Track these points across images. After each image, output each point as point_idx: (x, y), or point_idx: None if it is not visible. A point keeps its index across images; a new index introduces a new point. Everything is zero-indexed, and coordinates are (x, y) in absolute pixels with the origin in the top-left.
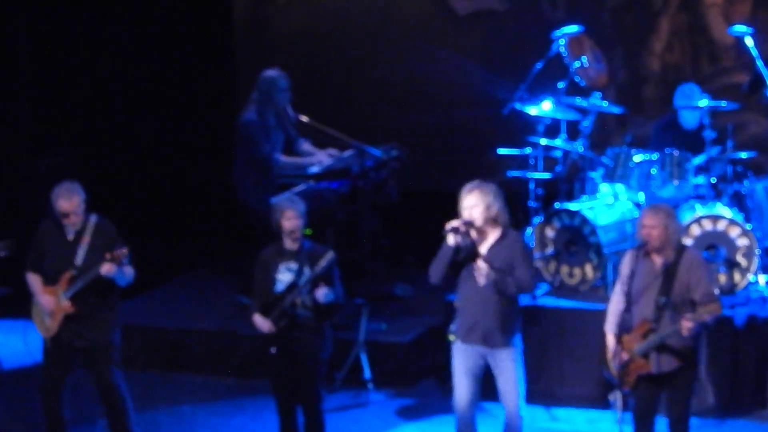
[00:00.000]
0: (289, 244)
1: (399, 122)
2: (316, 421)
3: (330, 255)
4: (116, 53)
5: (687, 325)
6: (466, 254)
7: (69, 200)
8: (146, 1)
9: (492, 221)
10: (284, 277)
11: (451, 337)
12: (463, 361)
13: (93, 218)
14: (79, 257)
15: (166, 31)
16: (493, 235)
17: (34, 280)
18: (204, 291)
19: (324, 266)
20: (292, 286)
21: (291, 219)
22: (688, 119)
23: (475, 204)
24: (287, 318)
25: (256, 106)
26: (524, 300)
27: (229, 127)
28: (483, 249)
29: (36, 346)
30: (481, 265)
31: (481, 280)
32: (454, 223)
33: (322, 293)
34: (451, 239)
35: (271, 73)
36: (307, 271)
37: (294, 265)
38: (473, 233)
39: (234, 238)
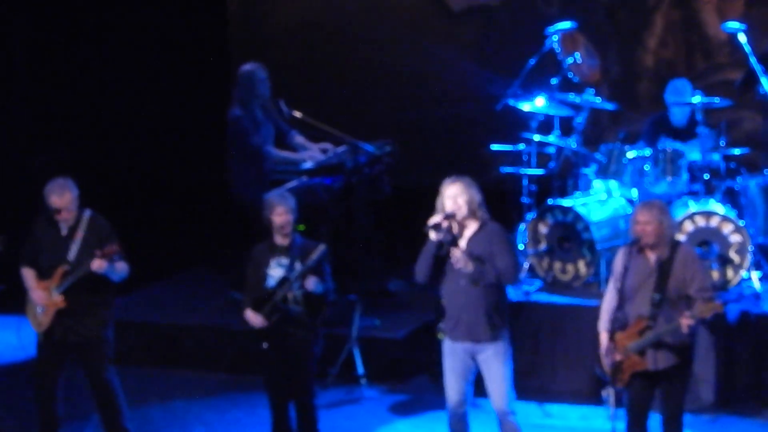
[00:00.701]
0: (280, 239)
1: (393, 117)
2: (309, 417)
3: (321, 248)
4: (111, 49)
5: (687, 322)
6: (448, 249)
7: (61, 196)
8: None
9: (473, 213)
10: (275, 272)
11: (440, 336)
12: (451, 361)
13: (87, 214)
14: (72, 252)
15: (161, 25)
16: (472, 228)
17: (28, 275)
18: (198, 287)
19: (315, 259)
20: (283, 281)
21: (281, 215)
22: (678, 115)
23: (459, 193)
24: (279, 312)
25: (239, 102)
26: (517, 296)
27: (224, 123)
28: (462, 241)
29: (30, 342)
30: (458, 255)
31: (458, 265)
32: (435, 219)
33: (311, 282)
34: (433, 235)
35: (248, 66)
36: (298, 266)
37: (285, 261)
38: (454, 227)
39: (229, 235)
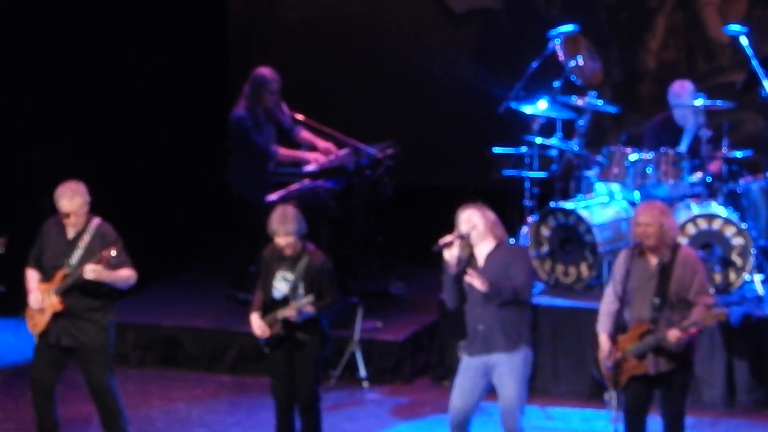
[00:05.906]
0: (288, 251)
1: (395, 119)
2: (313, 421)
3: (308, 299)
4: (110, 47)
5: (675, 335)
6: (465, 266)
7: (70, 201)
8: None
9: (490, 230)
10: (280, 285)
11: (459, 353)
12: (462, 379)
13: (95, 221)
14: (75, 257)
15: (161, 23)
16: (489, 246)
17: (31, 276)
18: (198, 289)
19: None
20: (286, 300)
21: (280, 237)
22: (681, 118)
23: (473, 213)
24: (281, 325)
25: (246, 102)
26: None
27: (223, 124)
28: (480, 259)
29: (29, 345)
30: (472, 276)
31: (478, 285)
32: (446, 239)
33: (294, 315)
34: (447, 254)
35: (262, 71)
36: (301, 287)
37: (290, 277)
38: (470, 241)
39: (228, 236)
